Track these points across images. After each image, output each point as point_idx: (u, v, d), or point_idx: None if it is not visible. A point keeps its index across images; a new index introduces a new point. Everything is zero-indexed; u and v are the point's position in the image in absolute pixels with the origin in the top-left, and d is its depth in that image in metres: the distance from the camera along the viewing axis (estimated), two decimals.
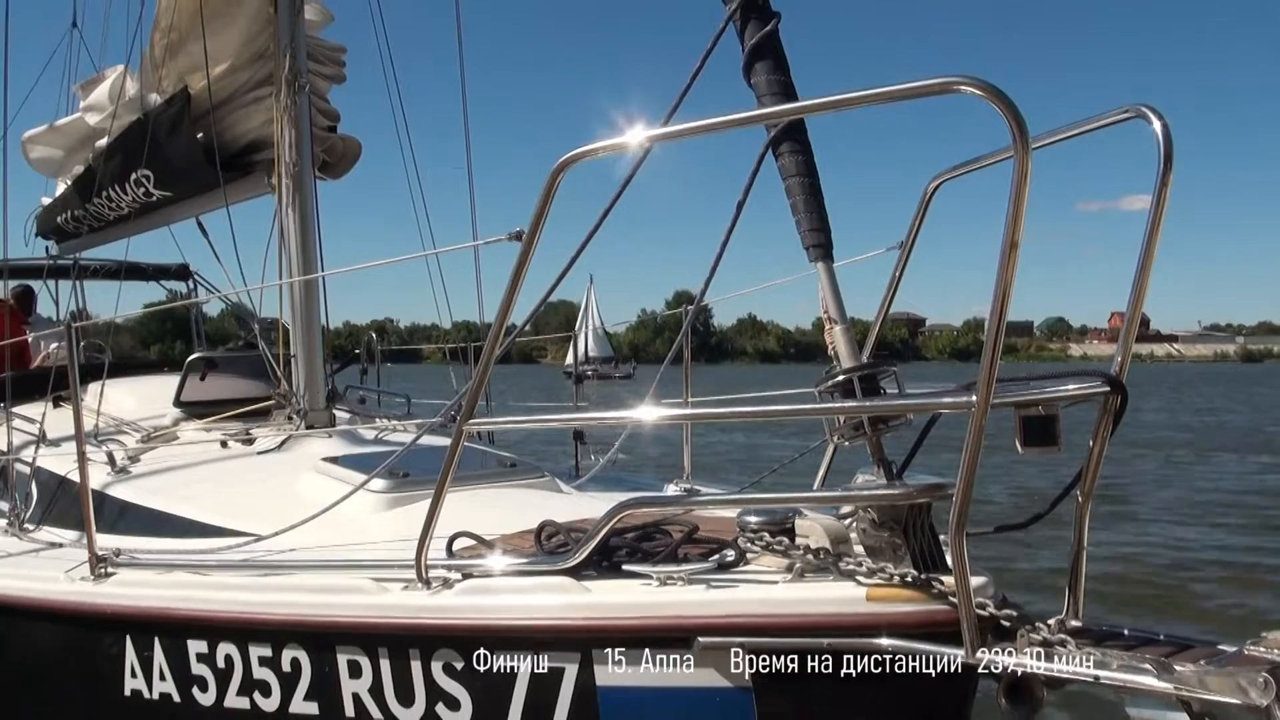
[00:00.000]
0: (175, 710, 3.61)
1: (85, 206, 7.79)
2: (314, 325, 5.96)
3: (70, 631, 4.07)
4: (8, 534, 5.37)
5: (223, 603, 3.47)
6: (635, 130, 2.76)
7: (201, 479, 5.11)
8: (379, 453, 4.88)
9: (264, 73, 6.39)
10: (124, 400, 6.32)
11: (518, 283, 2.85)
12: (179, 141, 6.58)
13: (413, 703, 3.07)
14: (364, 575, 3.26)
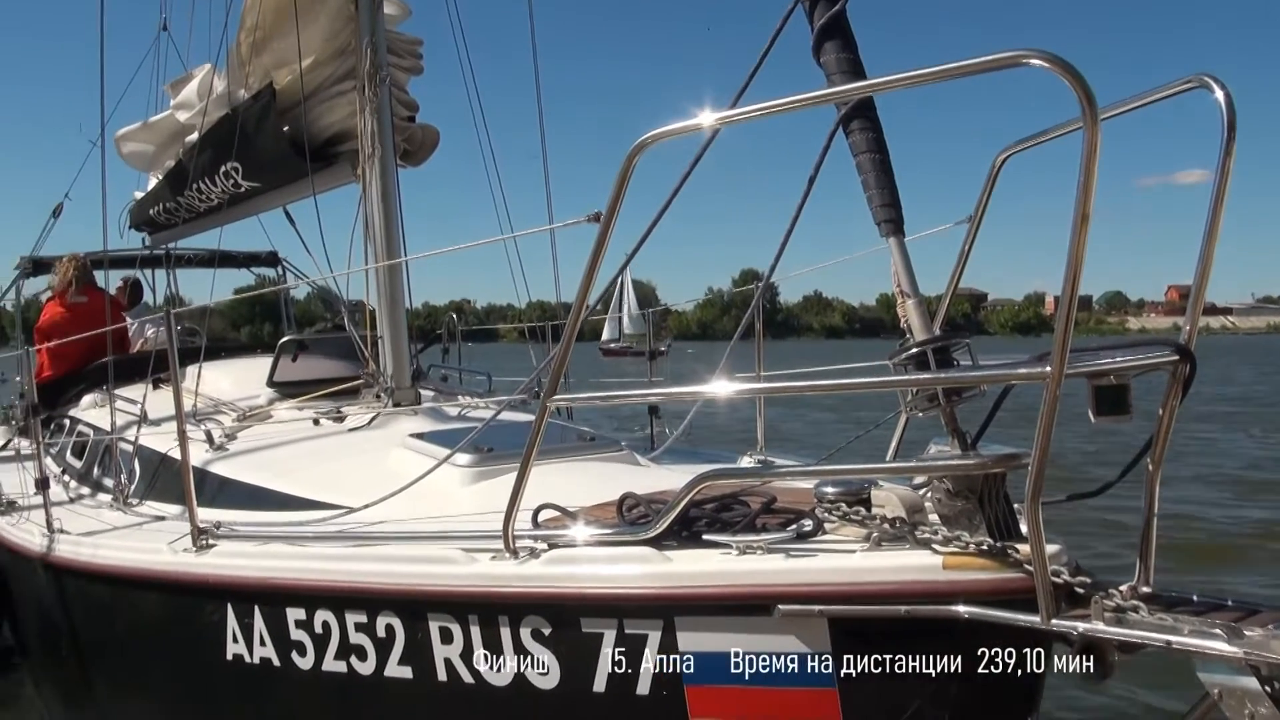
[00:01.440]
0: (275, 673, 3.76)
1: (177, 199, 8.07)
2: (399, 307, 6.15)
3: (174, 600, 4.26)
4: (113, 508, 5.64)
5: (320, 572, 3.61)
6: (705, 113, 2.82)
7: (295, 455, 5.29)
8: (463, 428, 5.02)
9: (346, 67, 6.57)
10: (219, 381, 6.56)
11: (596, 263, 2.93)
12: (266, 135, 6.81)
13: (502, 667, 3.18)
14: (453, 546, 3.38)
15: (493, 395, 6.81)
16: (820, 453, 5.29)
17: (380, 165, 6.16)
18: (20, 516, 6.06)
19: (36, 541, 5.41)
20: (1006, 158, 3.51)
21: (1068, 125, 3.04)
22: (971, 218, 3.69)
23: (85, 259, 9.16)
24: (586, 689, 3.05)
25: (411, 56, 6.83)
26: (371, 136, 6.17)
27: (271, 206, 7.81)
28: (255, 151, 6.94)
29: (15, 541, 5.83)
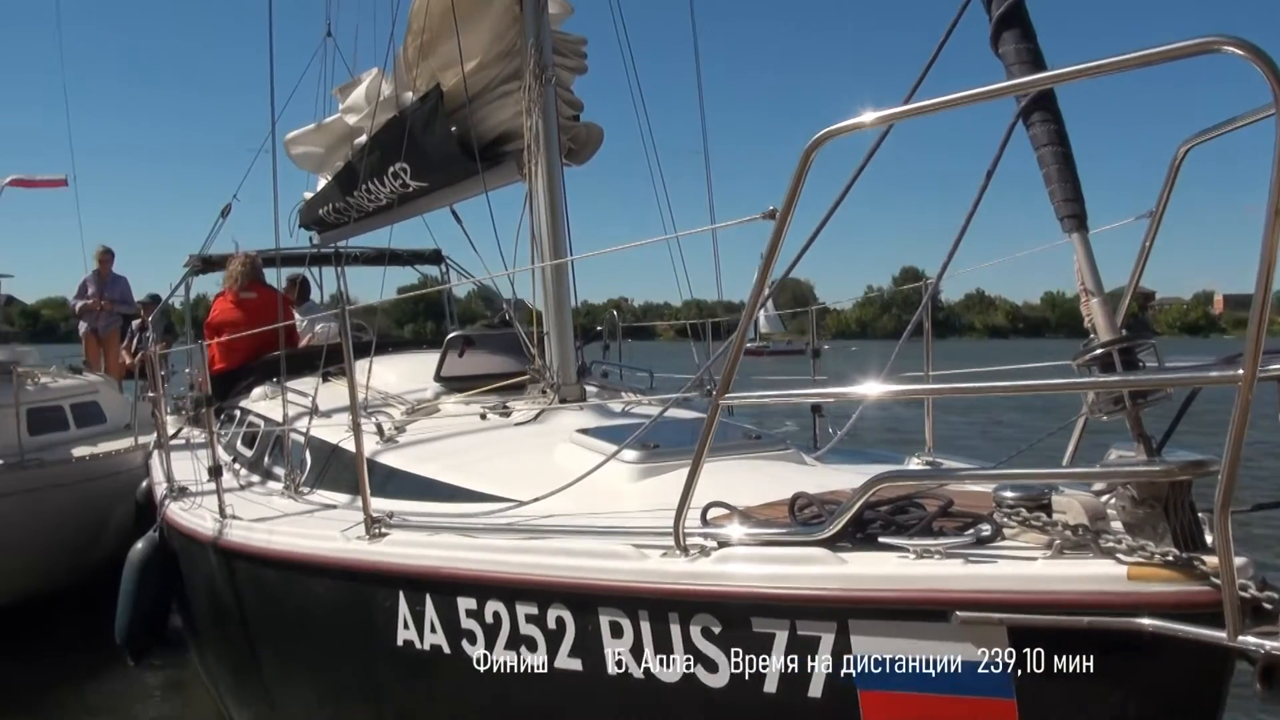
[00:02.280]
0: (445, 661, 3.81)
1: (345, 199, 8.31)
2: (565, 305, 6.21)
3: (347, 586, 4.34)
4: (283, 495, 5.82)
5: (491, 563, 3.64)
6: (872, 112, 2.76)
7: (463, 448, 5.38)
8: (628, 425, 5.05)
9: (512, 67, 6.68)
10: (387, 375, 6.72)
11: (772, 259, 2.90)
12: (434, 135, 6.96)
13: (672, 664, 3.16)
14: (623, 541, 3.38)
15: (655, 392, 6.85)
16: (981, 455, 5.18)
17: (546, 164, 6.21)
18: (192, 502, 6.29)
19: (209, 526, 5.59)
20: (1189, 149, 3.36)
21: (1255, 114, 2.90)
22: (1152, 212, 3.55)
23: (256, 257, 9.52)
24: (757, 689, 3.02)
25: (576, 56, 6.91)
26: (537, 136, 6.22)
27: (438, 206, 8.00)
28: (423, 152, 7.10)
29: (188, 526, 6.03)
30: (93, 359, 15.44)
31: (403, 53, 7.49)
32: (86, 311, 15.70)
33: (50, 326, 66.42)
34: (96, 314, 15.68)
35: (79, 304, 15.81)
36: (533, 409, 5.84)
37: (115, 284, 15.93)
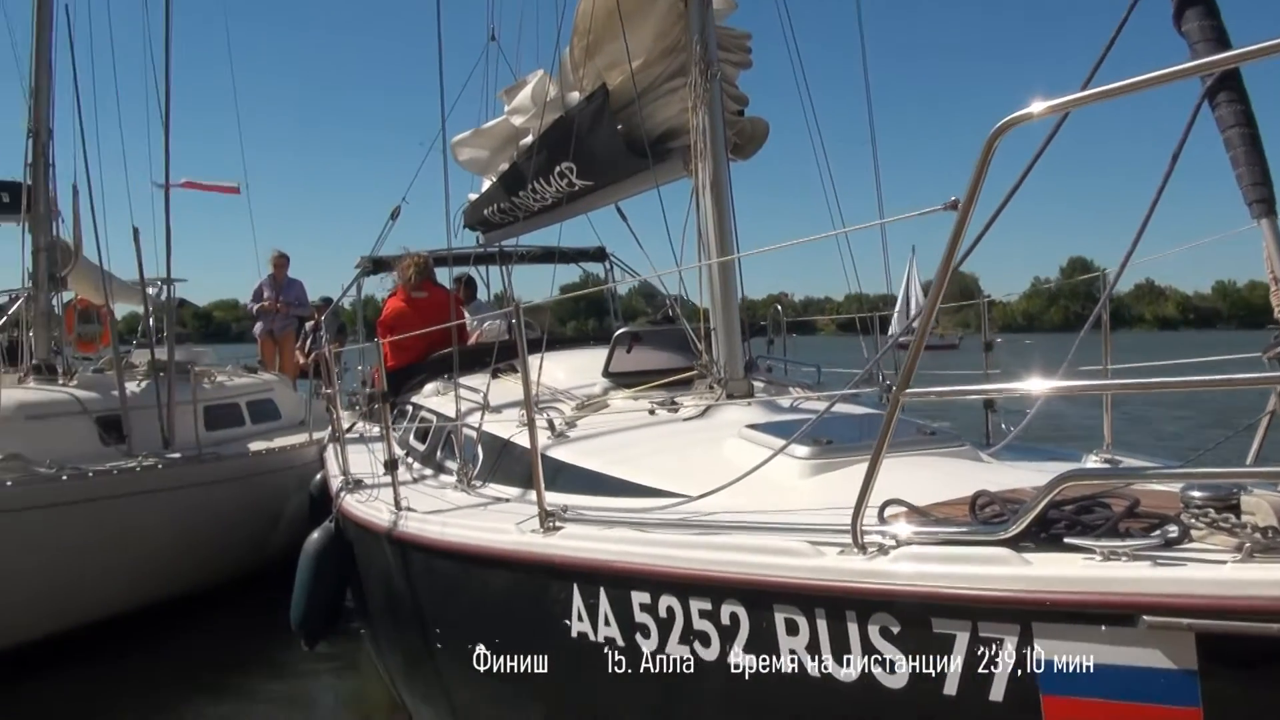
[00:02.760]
0: (618, 653, 3.84)
1: (511, 199, 8.47)
2: (732, 300, 6.21)
3: (521, 578, 4.40)
4: (456, 489, 5.93)
5: (666, 558, 3.63)
6: (1049, 100, 2.68)
7: (632, 443, 5.42)
8: (798, 420, 4.99)
9: (677, 64, 6.71)
10: (556, 372, 6.79)
11: (954, 250, 2.84)
12: (600, 134, 7.04)
13: (849, 664, 3.12)
14: (799, 538, 3.34)
15: (822, 387, 6.81)
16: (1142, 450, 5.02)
17: (712, 160, 6.22)
18: (368, 495, 6.45)
19: (384, 518, 5.72)
20: None
21: None
22: None
23: (428, 257, 9.76)
24: (936, 691, 2.96)
25: (740, 50, 6.90)
26: (703, 132, 6.24)
27: (603, 204, 8.09)
28: (589, 151, 7.19)
29: (363, 517, 6.19)
30: (268, 359, 16.04)
31: (568, 54, 7.59)
32: (264, 313, 16.33)
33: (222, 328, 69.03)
34: (273, 316, 16.29)
35: (256, 307, 16.45)
36: (700, 404, 5.85)
37: (290, 287, 16.54)
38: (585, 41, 7.24)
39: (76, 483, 8.87)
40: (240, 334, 52.28)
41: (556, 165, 7.47)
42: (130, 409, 10.18)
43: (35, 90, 11.29)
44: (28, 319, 11.56)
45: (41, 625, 8.72)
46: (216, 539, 10.45)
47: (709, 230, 6.27)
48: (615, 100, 7.01)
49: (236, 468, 10.93)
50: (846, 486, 3.18)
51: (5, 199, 13.40)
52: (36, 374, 10.79)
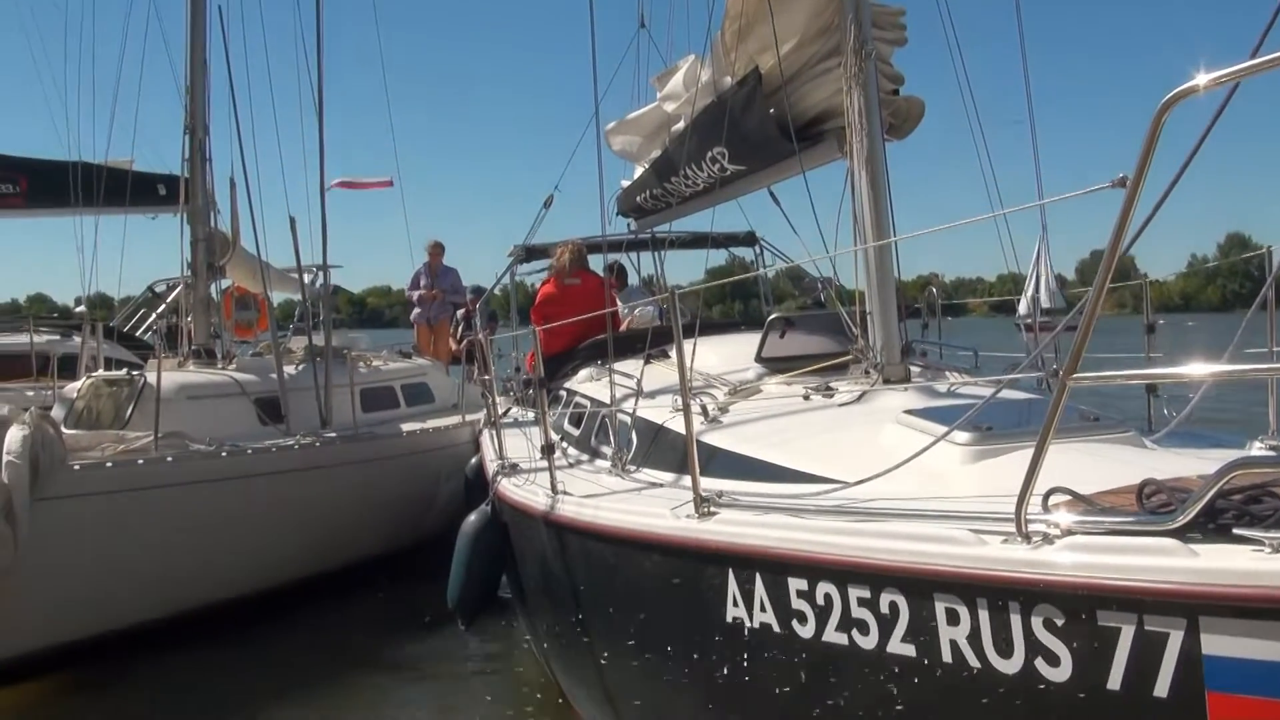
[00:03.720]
0: (774, 639, 3.82)
1: (663, 185, 8.49)
2: (889, 283, 6.10)
3: (677, 562, 4.40)
4: (610, 473, 5.98)
5: (823, 545, 3.60)
6: (1218, 70, 2.55)
7: (786, 429, 5.38)
8: (957, 405, 4.92)
9: (830, 44, 6.62)
10: (707, 357, 6.79)
11: (1123, 229, 2.75)
12: (753, 118, 7.00)
13: (1010, 654, 3.06)
14: (960, 526, 3.28)
15: (979, 372, 6.68)
16: None
17: (867, 141, 6.13)
18: (524, 478, 6.55)
19: (541, 501, 5.80)
20: None
21: None
22: None
23: (582, 245, 9.87)
24: (1100, 686, 2.87)
25: (895, 28, 6.78)
26: (858, 112, 6.15)
27: (755, 188, 8.05)
28: (742, 135, 7.15)
29: (520, 500, 6.28)
30: (423, 344, 16.44)
31: (720, 38, 7.56)
32: (423, 301, 16.76)
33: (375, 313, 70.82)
34: (429, 303, 16.71)
35: (415, 294, 16.89)
36: (856, 390, 5.78)
37: (445, 274, 16.97)
38: (737, 25, 7.21)
39: (236, 459, 9.24)
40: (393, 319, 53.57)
41: (709, 150, 7.45)
42: (288, 391, 10.51)
43: (191, 89, 11.75)
44: (187, 306, 12.02)
45: (201, 597, 9.06)
46: (371, 517, 10.74)
47: (865, 213, 6.18)
48: (768, 83, 6.96)
49: (391, 447, 11.21)
50: (1008, 474, 3.11)
51: (163, 191, 14.01)
52: (196, 358, 11.27)
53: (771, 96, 6.93)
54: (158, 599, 8.71)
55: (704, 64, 7.95)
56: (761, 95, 6.93)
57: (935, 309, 8.06)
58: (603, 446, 6.66)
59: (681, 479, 5.27)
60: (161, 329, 15.76)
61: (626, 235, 10.50)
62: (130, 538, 8.36)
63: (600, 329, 8.38)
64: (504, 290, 12.66)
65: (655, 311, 9.69)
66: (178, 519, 8.69)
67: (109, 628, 8.35)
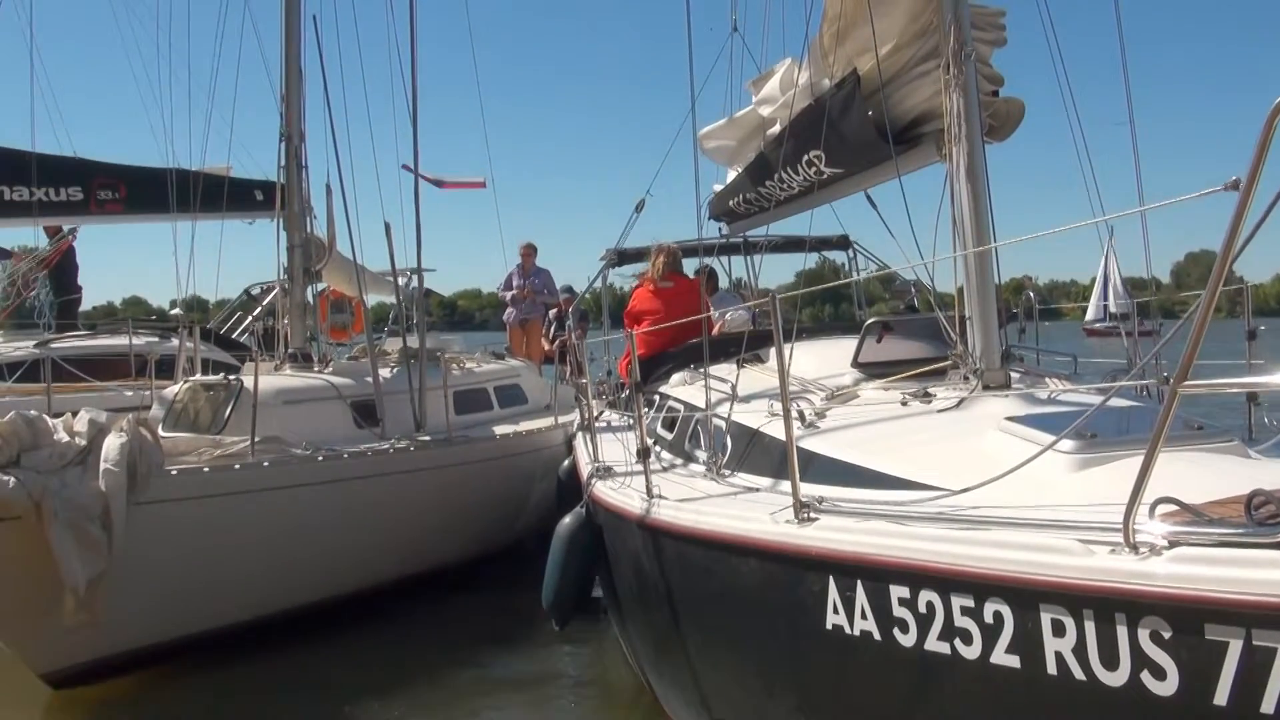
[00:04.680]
0: (875, 647, 3.78)
1: (757, 189, 8.49)
2: (989, 288, 6.02)
3: (776, 568, 4.38)
4: (706, 478, 5.97)
5: (926, 553, 3.57)
6: None
7: (884, 435, 5.33)
8: (1061, 412, 4.85)
9: (929, 46, 6.56)
10: (803, 361, 6.76)
11: (1236, 233, 2.70)
12: (851, 121, 6.96)
13: (1117, 667, 3.00)
14: (1066, 535, 3.23)
15: (1077, 377, 6.57)
16: None
17: (967, 144, 6.06)
18: (619, 481, 6.56)
19: (636, 504, 5.82)
20: None
21: None
22: None
23: (676, 249, 9.89)
24: (1206, 701, 2.81)
25: (994, 29, 6.70)
26: (957, 115, 6.08)
27: (851, 191, 8.01)
28: (839, 138, 7.12)
29: (615, 503, 6.30)
30: (515, 346, 16.60)
31: (818, 41, 7.53)
32: (515, 301, 16.92)
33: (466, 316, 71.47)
34: (522, 301, 16.86)
35: (508, 295, 17.06)
36: (955, 396, 5.71)
37: (538, 275, 17.09)
38: (835, 27, 7.17)
39: (332, 463, 9.36)
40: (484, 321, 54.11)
41: (805, 153, 7.43)
42: (383, 394, 10.64)
43: (286, 96, 11.92)
44: (283, 309, 12.25)
45: (297, 599, 9.22)
46: (465, 519, 10.85)
47: (965, 216, 6.11)
48: (866, 86, 6.92)
49: (485, 450, 11.30)
50: (1113, 482, 3.06)
51: (260, 197, 14.28)
52: (292, 362, 11.43)
53: (870, 99, 6.90)
54: (255, 600, 8.88)
55: (801, 67, 7.92)
56: (860, 98, 6.89)
57: (1032, 313, 7.95)
58: (696, 450, 6.66)
59: (778, 484, 5.25)
60: (257, 332, 16.11)
61: (719, 239, 10.50)
62: (227, 541, 8.53)
63: (692, 333, 8.38)
64: (595, 294, 12.72)
65: (747, 315, 9.68)
66: (274, 523, 8.85)
67: (205, 628, 8.55)
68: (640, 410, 6.44)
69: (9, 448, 7.12)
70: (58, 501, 7.05)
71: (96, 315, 17.95)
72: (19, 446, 7.17)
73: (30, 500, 6.97)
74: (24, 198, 13.72)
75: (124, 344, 13.29)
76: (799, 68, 7.94)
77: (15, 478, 6.98)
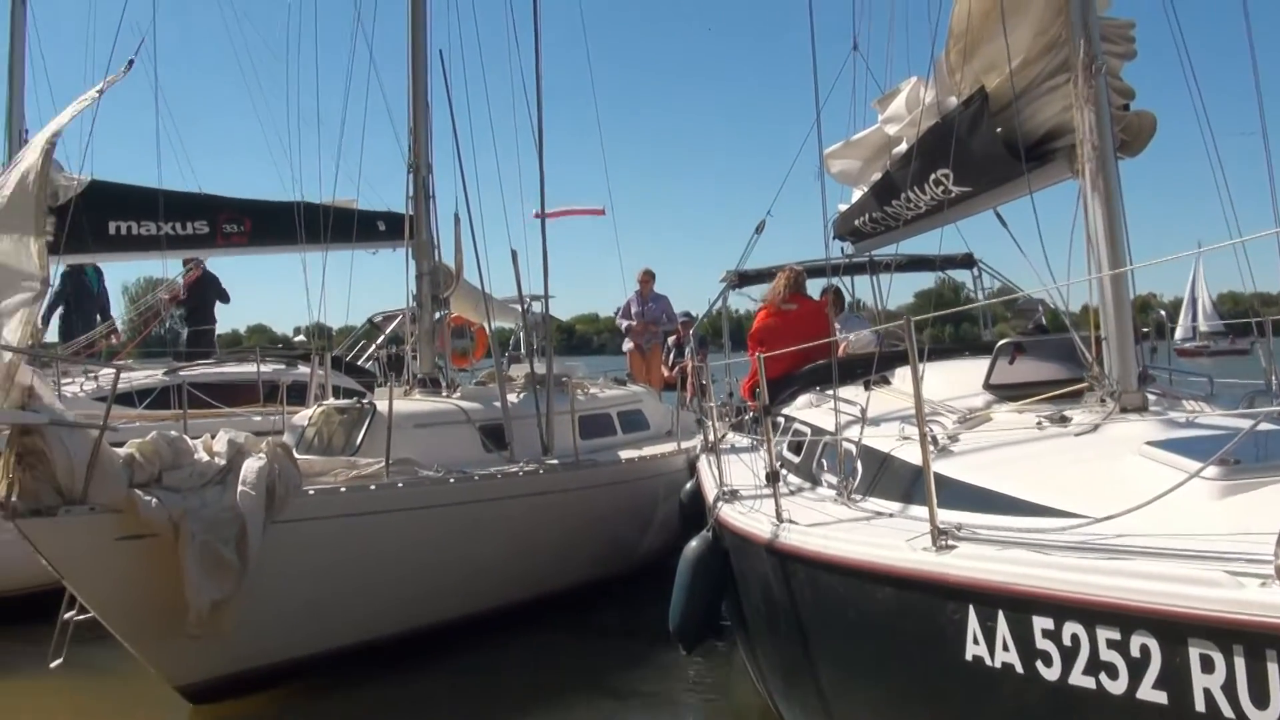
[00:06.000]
0: (1017, 680, 3.69)
1: (883, 209, 8.40)
2: (1125, 307, 5.88)
3: (913, 596, 4.29)
4: (836, 502, 5.89)
5: (1070, 583, 3.48)
6: None
7: (1020, 459, 5.21)
8: (1202, 436, 4.71)
9: (1057, 61, 6.46)
10: (932, 383, 6.68)
11: None
12: (980, 138, 6.88)
13: (1267, 705, 2.89)
14: (1215, 567, 3.14)
15: (1213, 399, 6.37)
16: None
17: (1100, 159, 5.93)
18: (747, 505, 6.52)
19: (765, 529, 5.75)
20: None
21: None
22: None
23: (801, 271, 9.88)
24: None
25: (1124, 41, 6.57)
26: (1089, 130, 5.96)
27: (979, 210, 7.91)
28: (968, 156, 7.03)
29: (743, 527, 6.25)
30: (636, 372, 16.67)
31: (944, 58, 7.45)
32: (633, 334, 17.04)
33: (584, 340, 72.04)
34: (641, 331, 16.96)
35: (625, 323, 17.17)
36: (1092, 419, 5.56)
37: (656, 302, 17.17)
38: (962, 44, 7.08)
39: (463, 485, 9.50)
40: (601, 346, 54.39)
41: (932, 172, 7.34)
42: (511, 418, 10.77)
43: (414, 129, 12.17)
44: (411, 336, 12.47)
45: (427, 617, 9.35)
46: (590, 542, 10.93)
47: (1099, 234, 5.97)
48: (995, 102, 6.82)
49: (610, 474, 11.38)
50: (1260, 510, 2.96)
51: (382, 227, 14.61)
52: (421, 387, 11.62)
53: (998, 116, 6.80)
54: (386, 619, 9.03)
55: (927, 85, 7.85)
56: (989, 115, 6.80)
57: (1165, 332, 7.72)
58: (824, 474, 6.60)
59: (909, 509, 5.17)
60: (382, 358, 16.45)
61: (843, 258, 10.43)
62: (361, 560, 8.70)
63: (816, 356, 8.32)
64: (715, 315, 12.72)
65: (872, 337, 9.59)
66: (407, 543, 9.00)
67: (338, 645, 8.72)
68: (769, 433, 6.40)
69: (151, 466, 7.38)
70: (195, 521, 7.27)
71: (223, 343, 18.55)
72: (160, 465, 7.43)
73: (169, 520, 7.19)
74: (151, 232, 14.20)
75: (253, 371, 13.77)
76: (924, 86, 7.87)
77: (156, 497, 7.23)
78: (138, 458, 7.36)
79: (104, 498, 7.12)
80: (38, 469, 6.92)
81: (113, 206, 13.96)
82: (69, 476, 6.97)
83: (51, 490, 6.97)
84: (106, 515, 7.15)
